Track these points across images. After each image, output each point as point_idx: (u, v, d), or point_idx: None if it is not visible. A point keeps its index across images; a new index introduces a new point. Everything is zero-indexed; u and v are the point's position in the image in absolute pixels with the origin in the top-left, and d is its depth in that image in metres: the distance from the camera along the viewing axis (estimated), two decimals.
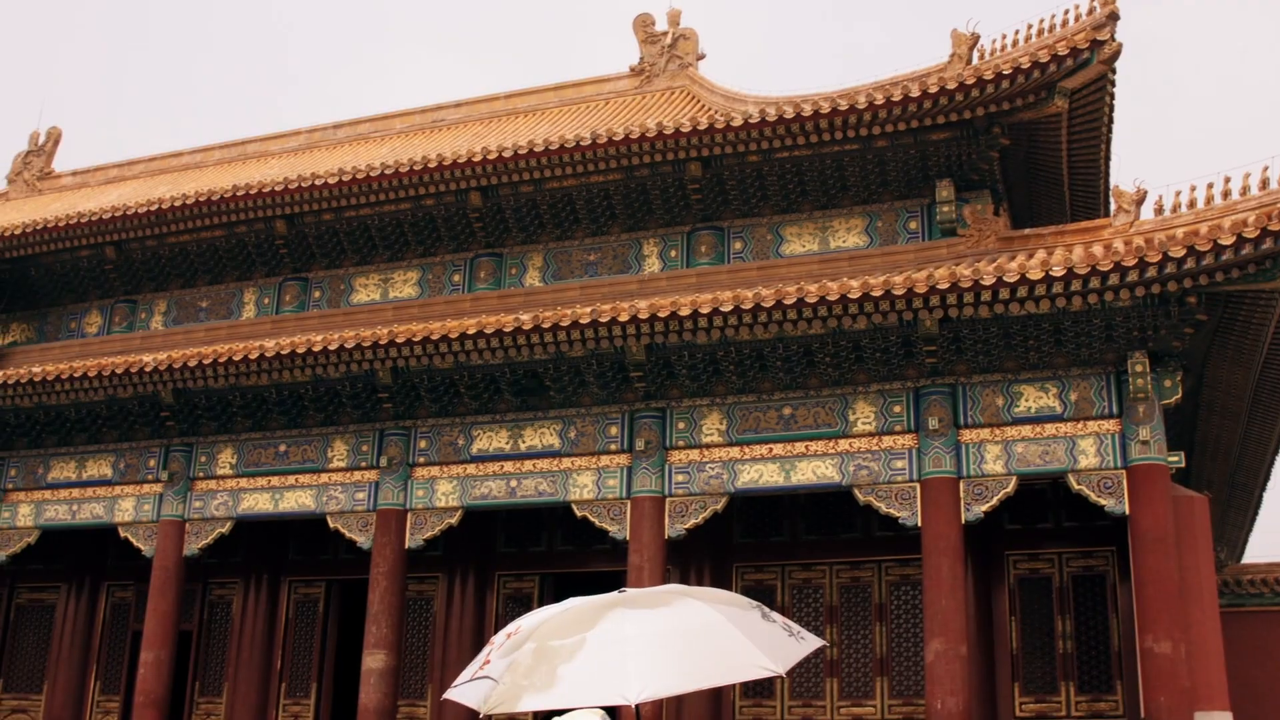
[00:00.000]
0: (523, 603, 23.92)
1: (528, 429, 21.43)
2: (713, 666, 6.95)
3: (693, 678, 6.92)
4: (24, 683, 28.32)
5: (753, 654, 6.95)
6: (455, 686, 7.14)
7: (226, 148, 34.15)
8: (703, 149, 21.78)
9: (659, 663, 6.72)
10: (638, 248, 23.42)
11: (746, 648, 6.96)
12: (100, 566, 28.11)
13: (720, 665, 6.96)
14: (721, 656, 6.92)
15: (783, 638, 7.26)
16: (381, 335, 20.57)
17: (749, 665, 6.96)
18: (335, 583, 25.97)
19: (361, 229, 25.08)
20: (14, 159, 37.49)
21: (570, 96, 29.95)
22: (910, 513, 18.96)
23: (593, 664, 6.68)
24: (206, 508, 23.54)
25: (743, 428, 20.11)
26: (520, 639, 6.92)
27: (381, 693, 21.31)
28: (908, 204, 21.98)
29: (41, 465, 25.41)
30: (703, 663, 6.89)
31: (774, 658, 7.01)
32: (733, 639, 6.97)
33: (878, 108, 20.42)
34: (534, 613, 7.33)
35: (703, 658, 6.88)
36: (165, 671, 23.28)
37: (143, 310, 27.75)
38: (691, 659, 6.85)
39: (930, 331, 18.66)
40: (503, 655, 6.88)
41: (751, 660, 6.94)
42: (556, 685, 6.58)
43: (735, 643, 6.96)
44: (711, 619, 7.07)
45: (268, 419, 23.37)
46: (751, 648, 6.96)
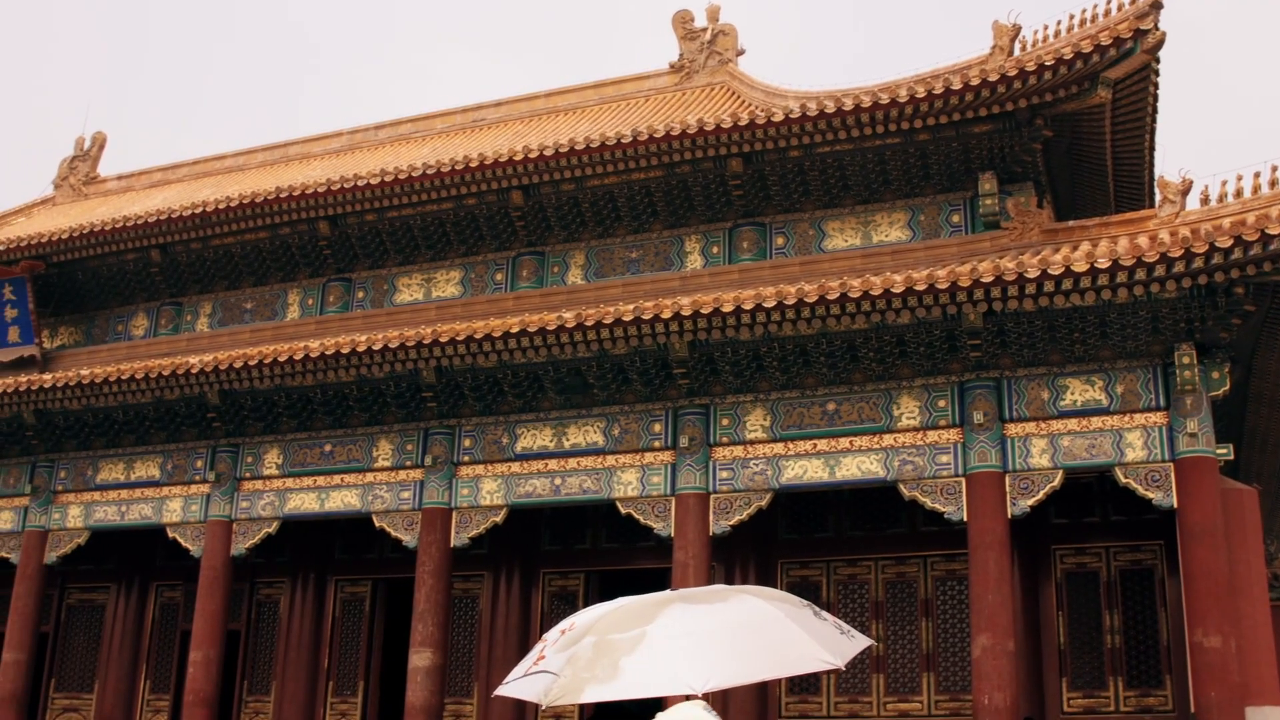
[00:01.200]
0: (568, 600, 23.97)
1: (571, 427, 21.46)
2: (774, 658, 7.01)
3: (755, 669, 6.99)
4: (75, 682, 28.61)
5: (812, 647, 7.01)
6: (509, 683, 7.17)
7: (269, 150, 34.37)
8: (744, 145, 21.74)
9: (722, 654, 6.79)
10: (680, 244, 23.41)
11: (805, 641, 7.02)
12: (149, 567, 28.35)
13: (781, 657, 7.02)
14: (782, 649, 6.98)
15: (835, 635, 7.30)
16: (425, 335, 20.64)
17: (809, 658, 7.01)
18: (381, 581, 26.09)
19: (404, 229, 25.18)
20: (60, 164, 37.87)
21: (610, 94, 29.98)
22: (956, 508, 18.87)
23: (655, 655, 6.74)
24: (253, 508, 23.69)
25: (787, 423, 20.07)
26: (577, 634, 6.96)
27: (428, 691, 21.40)
28: (950, 197, 21.86)
29: (90, 467, 25.65)
30: (764, 654, 6.95)
31: (832, 651, 7.06)
32: (791, 632, 7.03)
33: (919, 100, 20.31)
34: (587, 610, 7.37)
35: (764, 650, 6.94)
36: (214, 670, 23.45)
37: (188, 312, 27.97)
38: (753, 651, 6.91)
39: (974, 325, 18.56)
40: (559, 651, 6.92)
41: (811, 653, 6.99)
42: (619, 677, 6.63)
43: (794, 636, 7.02)
44: (770, 613, 7.14)
45: (313, 419, 23.50)
46: (810, 641, 7.03)
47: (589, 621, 7.07)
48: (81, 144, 38.08)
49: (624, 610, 7.10)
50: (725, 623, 7.00)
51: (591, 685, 6.63)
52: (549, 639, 7.20)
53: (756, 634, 6.98)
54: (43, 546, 25.67)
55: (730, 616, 7.08)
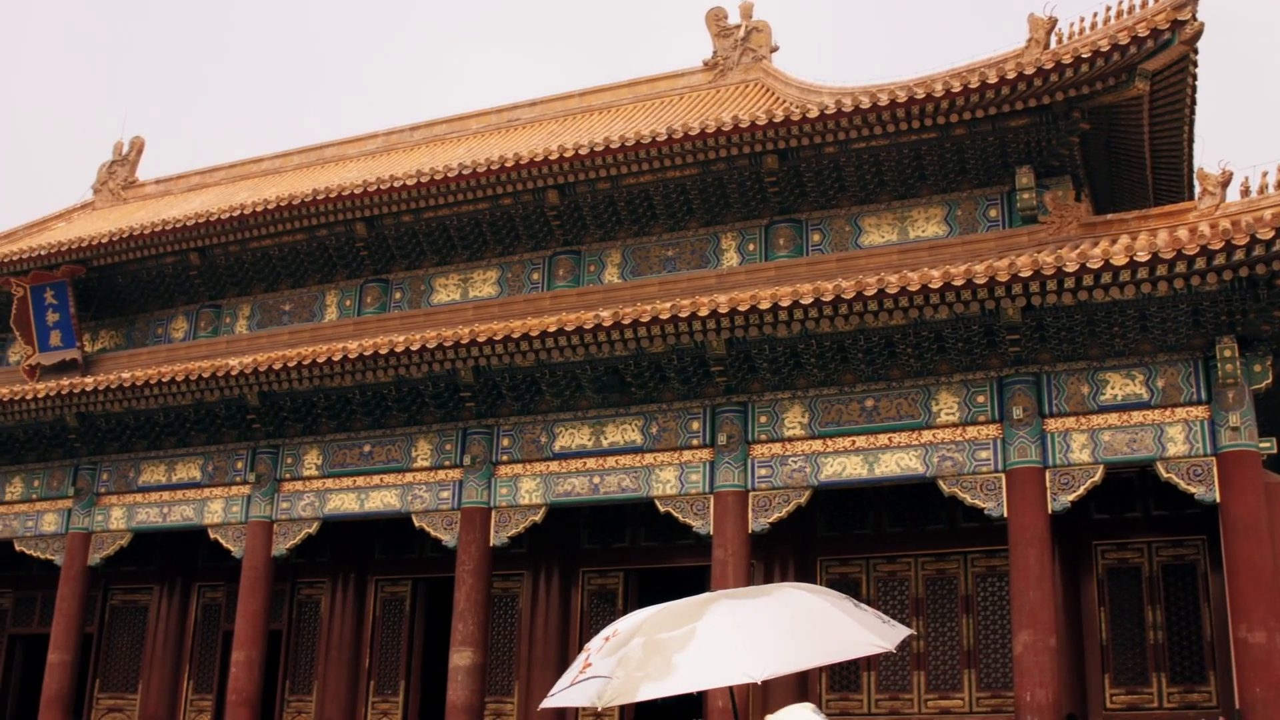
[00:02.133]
0: (607, 599, 24.01)
1: (609, 425, 21.48)
2: (826, 644, 7.09)
3: (808, 656, 7.06)
4: (120, 682, 28.83)
5: (861, 633, 7.09)
6: (555, 694, 7.22)
7: (305, 152, 34.54)
8: (779, 141, 21.71)
9: (775, 643, 6.87)
10: (715, 242, 23.40)
11: (854, 627, 7.10)
12: (191, 568, 28.54)
13: (833, 643, 7.11)
14: (833, 635, 7.07)
15: (878, 623, 7.37)
16: (463, 335, 20.71)
17: (860, 642, 7.10)
18: (421, 581, 26.19)
19: (440, 229, 25.26)
20: (99, 169, 38.16)
21: (644, 92, 29.99)
22: (996, 504, 18.79)
23: (708, 649, 6.80)
24: (294, 508, 23.82)
25: (825, 420, 20.04)
26: (623, 638, 7.03)
27: (469, 690, 21.47)
28: (987, 192, 21.76)
29: (132, 469, 25.85)
30: (816, 641, 7.03)
31: (880, 636, 7.12)
32: (840, 620, 7.12)
33: (955, 95, 20.23)
34: (628, 616, 7.44)
35: (816, 637, 7.02)
36: (256, 670, 23.59)
37: (227, 315, 28.14)
38: (805, 639, 6.99)
39: (1013, 320, 18.47)
40: (605, 656, 6.98)
41: (861, 638, 7.07)
42: (673, 673, 6.69)
43: (842, 623, 7.11)
44: (816, 603, 7.24)
45: (352, 420, 23.61)
46: (859, 627, 7.10)
47: (634, 625, 7.13)
48: (120, 149, 38.37)
49: (669, 611, 7.18)
50: (775, 614, 7.08)
51: (646, 683, 6.68)
52: (592, 647, 7.26)
53: (807, 623, 7.07)
54: (86, 548, 25.89)
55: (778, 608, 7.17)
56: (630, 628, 7.13)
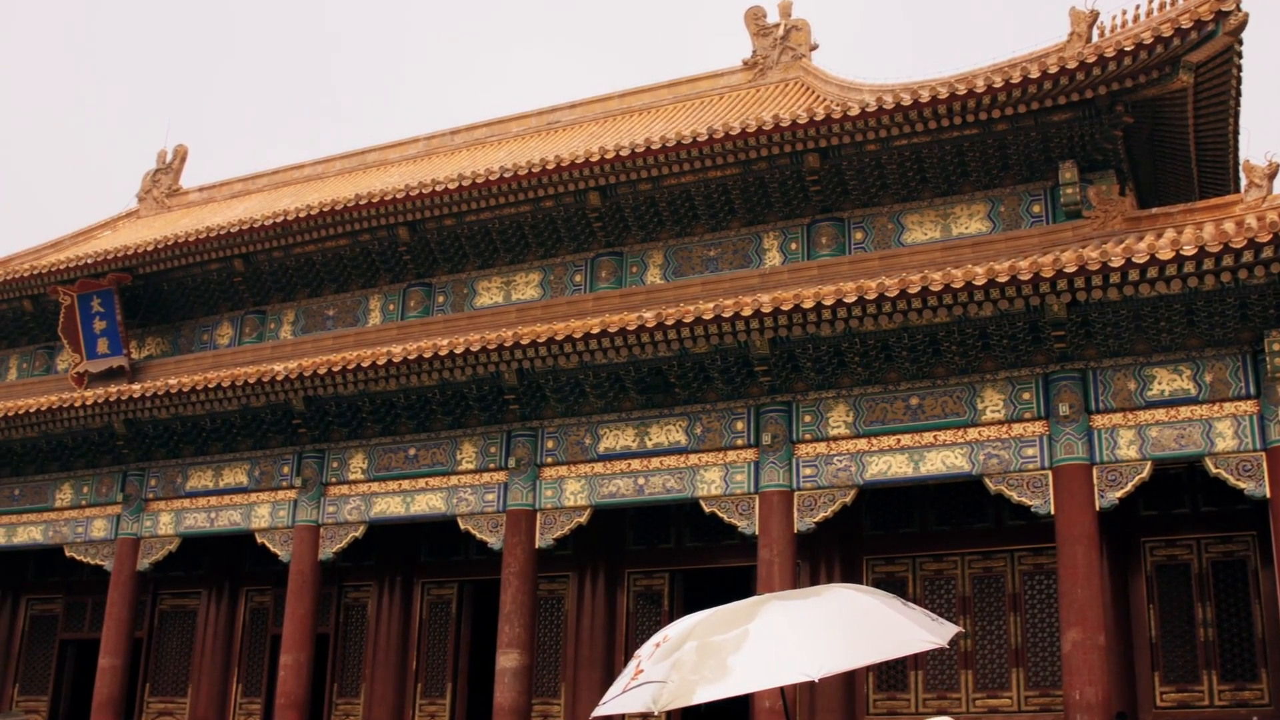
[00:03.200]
0: (653, 600, 24.01)
1: (654, 426, 21.48)
2: (880, 641, 7.11)
3: (863, 653, 7.08)
4: (169, 686, 29.05)
5: (914, 630, 7.08)
6: (607, 702, 7.23)
7: (347, 158, 34.74)
8: (820, 140, 21.66)
9: (828, 642, 6.89)
10: (758, 241, 23.37)
11: (906, 625, 7.11)
12: (239, 572, 28.73)
13: (887, 640, 7.13)
14: (885, 633, 7.09)
15: (928, 621, 7.36)
16: (506, 337, 20.76)
17: (913, 639, 7.10)
18: (467, 583, 26.26)
19: (483, 233, 25.33)
20: (143, 177, 38.51)
21: (684, 93, 30.00)
22: (1042, 501, 18.68)
23: (762, 650, 6.82)
24: (340, 512, 23.94)
25: (870, 419, 19.97)
26: (675, 643, 7.05)
27: (516, 691, 21.51)
28: (1030, 187, 21.64)
29: (180, 474, 26.04)
30: (871, 638, 7.05)
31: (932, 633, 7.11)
32: (892, 618, 7.14)
33: (997, 90, 20.14)
34: (677, 622, 7.46)
35: (868, 635, 7.04)
36: (304, 673, 23.72)
37: (272, 320, 28.31)
38: (858, 636, 7.01)
39: (1058, 316, 18.36)
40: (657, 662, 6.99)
41: (914, 635, 7.07)
42: (729, 674, 6.70)
43: (895, 621, 7.13)
44: (867, 602, 7.26)
45: (397, 423, 23.70)
46: (911, 625, 7.09)
47: (685, 630, 7.15)
48: (163, 157, 38.70)
49: (720, 615, 7.20)
50: (827, 613, 7.10)
51: (702, 686, 6.69)
52: (642, 654, 7.28)
53: (859, 621, 7.09)
54: (135, 554, 26.11)
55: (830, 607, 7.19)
56: (682, 633, 7.15)
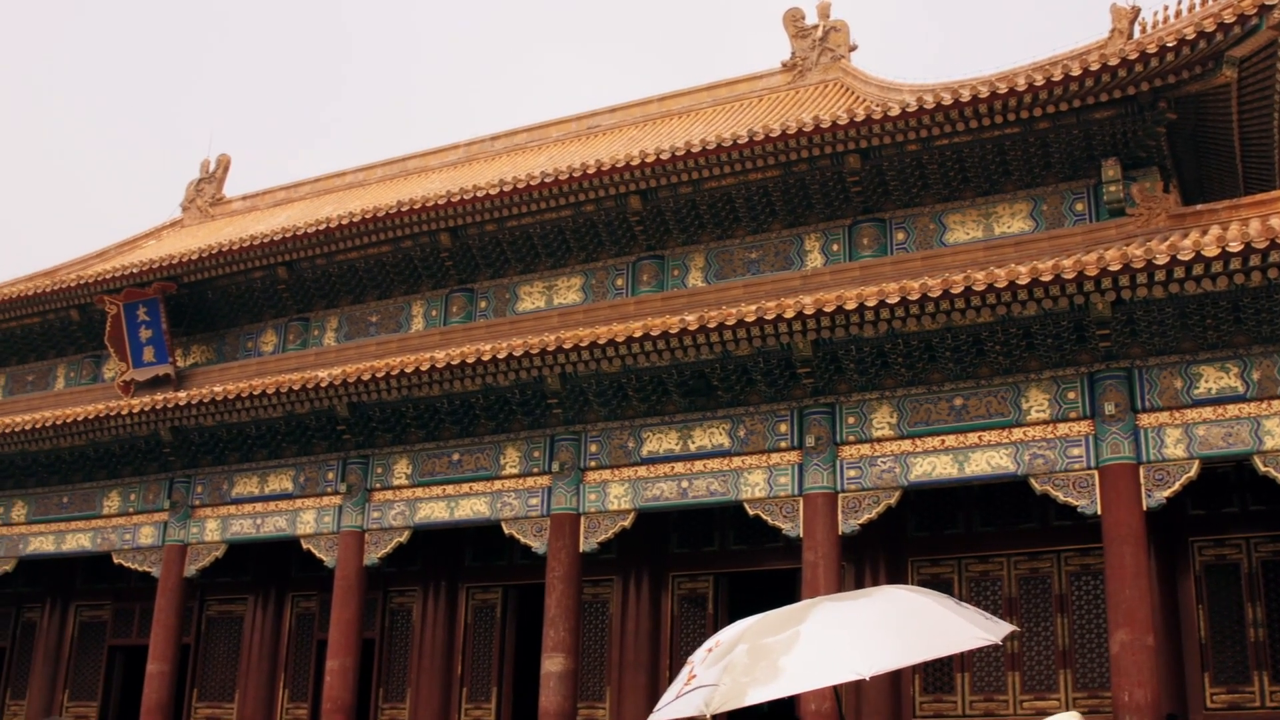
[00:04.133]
0: (697, 603, 23.99)
1: (697, 429, 21.46)
2: (933, 639, 7.07)
3: (915, 650, 7.06)
4: (217, 691, 29.24)
5: (967, 627, 7.04)
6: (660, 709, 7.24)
7: (387, 165, 34.93)
8: (860, 140, 21.61)
9: (881, 640, 6.88)
10: (799, 243, 23.33)
11: (959, 622, 7.07)
12: (285, 578, 28.89)
13: (938, 638, 7.09)
14: (937, 630, 7.06)
15: (982, 619, 7.33)
16: (549, 342, 20.80)
17: (966, 636, 7.07)
18: (512, 588, 26.31)
19: (524, 238, 25.39)
20: (187, 187, 38.85)
21: (723, 95, 30.01)
22: (1089, 501, 18.55)
23: (814, 650, 6.81)
24: (384, 518, 24.04)
25: (914, 420, 19.90)
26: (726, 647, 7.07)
27: (561, 695, 21.53)
28: (1073, 185, 21.52)
29: (226, 481, 26.22)
30: (921, 637, 7.02)
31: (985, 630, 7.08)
32: (944, 616, 7.11)
33: (1038, 89, 20.04)
34: (730, 626, 7.47)
35: (920, 633, 7.01)
36: (350, 678, 23.81)
37: (315, 327, 28.47)
38: (910, 634, 6.99)
39: (1103, 315, 18.24)
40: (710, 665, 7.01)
41: (967, 632, 7.03)
42: (780, 675, 6.70)
43: (947, 619, 7.10)
44: (918, 601, 7.24)
45: (440, 429, 23.78)
46: (964, 622, 7.05)
47: (737, 634, 7.17)
48: (206, 167, 39.01)
49: (771, 618, 7.21)
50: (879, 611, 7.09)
51: (753, 687, 6.69)
52: (695, 660, 7.30)
53: (911, 619, 7.07)
54: (182, 560, 26.29)
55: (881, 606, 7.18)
56: (733, 636, 7.17)
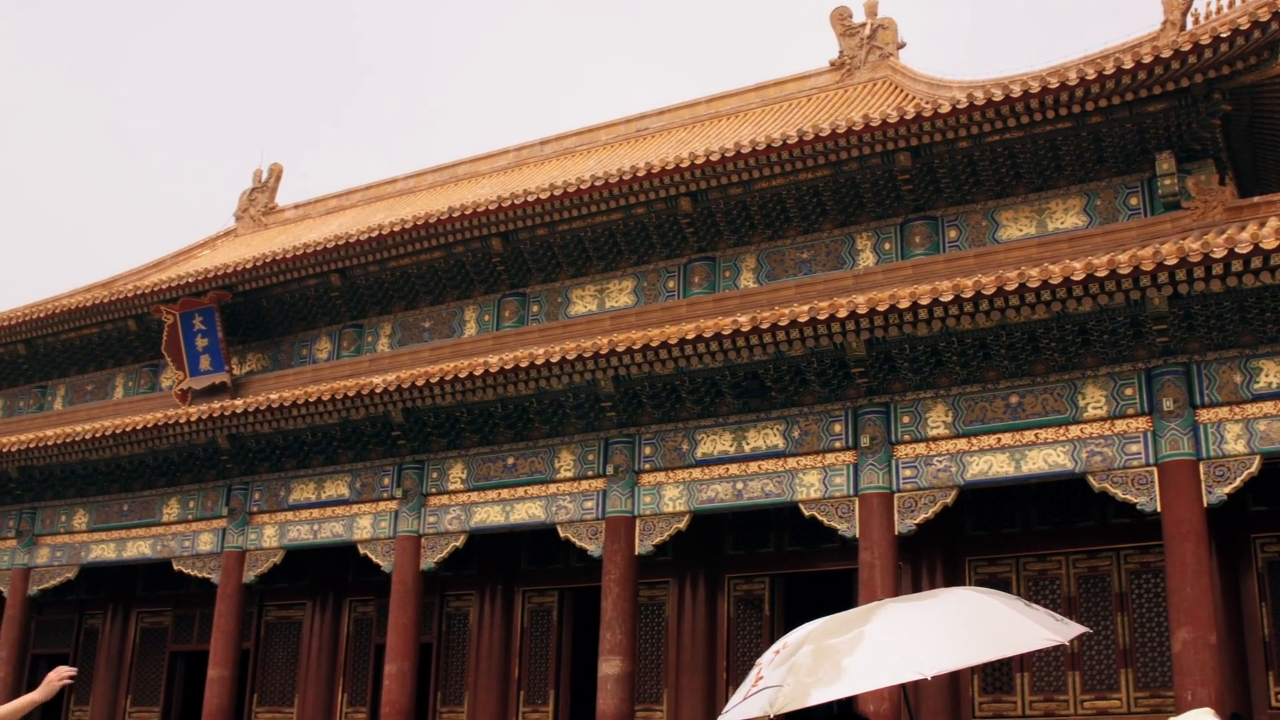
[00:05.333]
0: (754, 605, 23.96)
1: (751, 430, 21.43)
2: (997, 639, 7.04)
3: (978, 651, 7.03)
4: (276, 696, 29.46)
5: (1033, 627, 7.00)
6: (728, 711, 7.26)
7: (438, 171, 35.10)
8: (911, 138, 21.51)
9: (944, 639, 6.86)
10: (851, 243, 23.24)
11: (1026, 623, 7.04)
12: (342, 583, 29.08)
13: (1003, 638, 7.05)
14: (1002, 631, 7.03)
15: (1051, 620, 7.28)
16: (601, 345, 20.82)
17: (1032, 637, 7.03)
18: (568, 591, 26.36)
19: (575, 241, 25.44)
20: (240, 196, 39.23)
21: (772, 95, 29.96)
22: (1148, 498, 18.36)
23: (877, 650, 6.82)
24: (440, 522, 24.13)
25: (969, 418, 19.77)
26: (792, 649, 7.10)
27: (619, 698, 21.55)
28: (1127, 180, 21.32)
29: (283, 488, 26.41)
30: (986, 637, 6.99)
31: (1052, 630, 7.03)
32: (1011, 616, 7.07)
33: (1090, 82, 19.88)
34: (796, 630, 7.46)
35: (985, 633, 6.99)
36: (409, 682, 23.92)
37: (369, 334, 28.63)
38: (974, 634, 6.96)
39: (1160, 310, 18.07)
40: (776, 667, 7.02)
41: (1033, 632, 6.99)
42: (843, 676, 6.71)
43: (1014, 619, 7.06)
44: (985, 601, 7.21)
45: (495, 433, 23.86)
46: (1030, 622, 7.02)
47: (802, 635, 7.20)
48: (259, 176, 39.35)
49: (837, 620, 7.24)
50: (944, 612, 7.08)
51: (817, 688, 6.70)
52: (763, 662, 7.33)
53: (977, 619, 7.04)
54: (241, 566, 26.51)
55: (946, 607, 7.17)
56: (799, 638, 7.20)
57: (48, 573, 29.57)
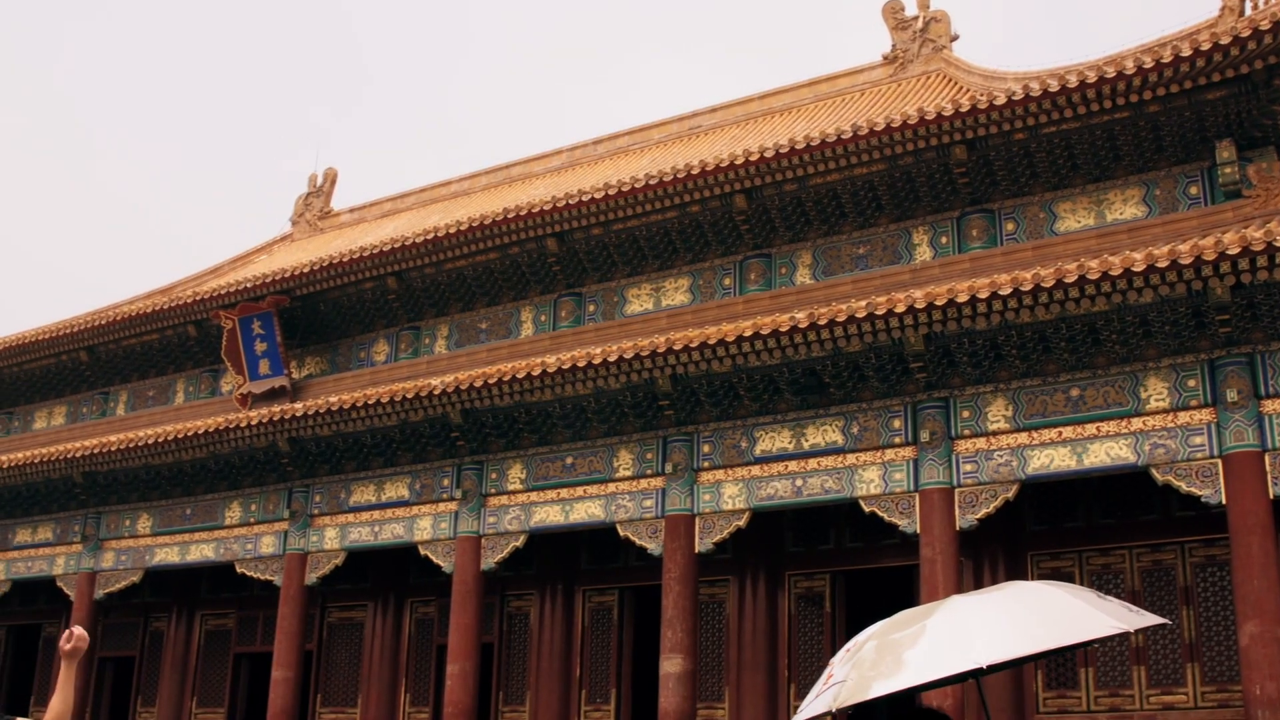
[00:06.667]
0: (814, 602, 23.89)
1: (809, 427, 21.37)
2: (1057, 628, 7.01)
3: (1039, 640, 7.00)
4: (340, 697, 29.67)
5: (1098, 616, 6.96)
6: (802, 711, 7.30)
7: (492, 173, 35.24)
8: (966, 131, 21.38)
9: (1004, 629, 6.85)
10: (907, 237, 23.14)
11: (1090, 611, 7.00)
12: (403, 584, 29.23)
13: (1065, 627, 7.02)
14: (1065, 620, 7.00)
15: (1124, 610, 7.23)
16: (659, 344, 20.83)
17: (1095, 625, 6.97)
18: (628, 590, 26.37)
19: (630, 240, 25.46)
20: (295, 201, 39.53)
21: (824, 91, 29.88)
22: (1213, 490, 18.16)
23: (937, 643, 6.83)
24: (500, 523, 24.22)
25: (1029, 412, 19.63)
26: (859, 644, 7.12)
27: (680, 696, 21.55)
28: (1186, 169, 21.11)
29: (343, 490, 26.59)
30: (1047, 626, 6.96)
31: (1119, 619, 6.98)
32: (1074, 605, 7.05)
33: (1147, 71, 19.68)
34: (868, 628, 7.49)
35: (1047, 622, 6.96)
36: (471, 682, 24.03)
37: (426, 336, 28.78)
38: (1035, 624, 6.94)
39: (1222, 300, 17.86)
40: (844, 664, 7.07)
41: (1097, 621, 6.94)
42: (903, 669, 6.73)
43: (1077, 608, 7.03)
44: (1050, 592, 7.21)
45: (553, 433, 23.92)
46: (1095, 611, 6.99)
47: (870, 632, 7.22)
48: (314, 181, 39.64)
49: (904, 615, 7.30)
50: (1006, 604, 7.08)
51: (877, 682, 6.72)
52: (835, 660, 7.38)
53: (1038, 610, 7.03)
54: (303, 568, 26.72)
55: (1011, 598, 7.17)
56: (867, 634, 7.25)
57: (113, 576, 29.94)
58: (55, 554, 31.24)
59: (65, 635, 6.71)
